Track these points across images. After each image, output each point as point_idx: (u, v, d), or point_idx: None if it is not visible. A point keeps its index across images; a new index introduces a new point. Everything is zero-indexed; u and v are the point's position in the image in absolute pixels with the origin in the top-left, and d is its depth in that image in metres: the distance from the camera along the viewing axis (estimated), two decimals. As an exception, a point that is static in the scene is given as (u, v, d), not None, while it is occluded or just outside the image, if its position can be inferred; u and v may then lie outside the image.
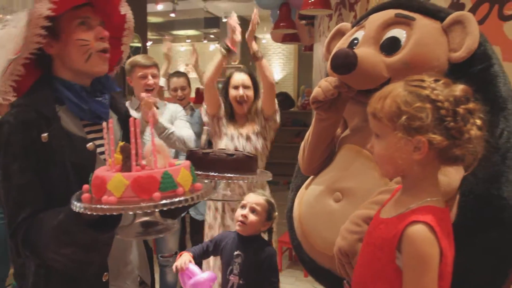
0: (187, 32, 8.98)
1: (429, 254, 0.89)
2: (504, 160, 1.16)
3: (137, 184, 0.84)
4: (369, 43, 1.29)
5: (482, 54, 1.23)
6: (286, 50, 10.42)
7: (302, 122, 7.28)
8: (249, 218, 1.76)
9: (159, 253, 2.69)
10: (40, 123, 1.06)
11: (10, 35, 1.08)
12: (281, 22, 3.74)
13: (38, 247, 1.02)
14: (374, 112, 0.96)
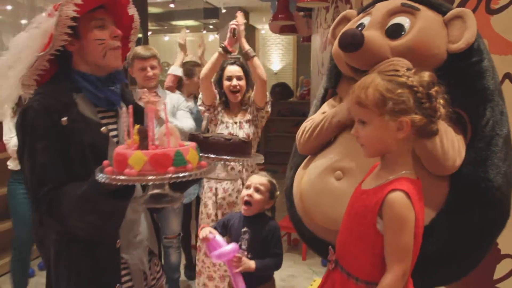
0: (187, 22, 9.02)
1: (406, 216, 1.06)
2: (489, 146, 1.29)
3: (154, 160, 0.98)
4: (375, 28, 1.41)
5: (476, 49, 1.36)
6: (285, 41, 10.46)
7: (300, 112, 7.36)
8: (254, 197, 1.91)
9: (163, 235, 2.80)
10: (60, 108, 1.19)
11: (33, 35, 1.22)
12: (279, 14, 3.83)
13: (62, 216, 1.15)
14: (359, 101, 1.10)
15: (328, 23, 3.57)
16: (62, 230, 1.21)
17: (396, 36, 1.40)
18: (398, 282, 1.07)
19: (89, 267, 1.23)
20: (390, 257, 1.08)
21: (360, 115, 1.12)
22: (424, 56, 1.36)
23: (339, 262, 1.23)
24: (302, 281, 3.22)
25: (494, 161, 1.28)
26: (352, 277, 1.17)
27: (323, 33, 3.72)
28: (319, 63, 3.90)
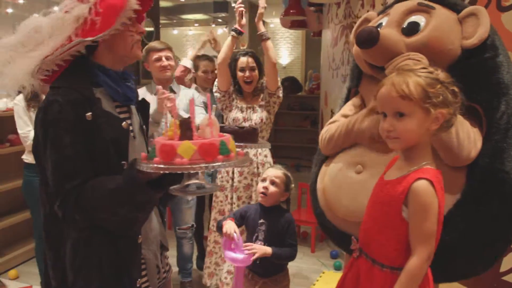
0: (196, 16, 9.05)
1: (431, 203, 1.14)
2: (505, 138, 1.35)
3: (203, 149, 1.04)
4: (392, 26, 1.49)
5: (490, 44, 1.42)
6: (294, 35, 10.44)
7: (310, 106, 7.39)
8: (269, 190, 1.97)
9: (176, 226, 2.88)
10: (84, 103, 1.18)
11: (63, 19, 1.19)
12: (291, 9, 3.87)
13: (92, 209, 1.16)
14: (404, 94, 1.14)
15: (339, 18, 3.60)
16: (86, 225, 1.20)
17: (412, 33, 1.46)
18: (423, 265, 1.15)
19: (112, 262, 1.23)
20: (415, 242, 1.16)
21: (402, 108, 1.16)
22: (439, 51, 1.42)
23: (364, 250, 1.30)
24: (311, 273, 3.28)
25: (511, 153, 1.32)
26: (377, 264, 1.24)
27: (334, 28, 3.75)
28: (329, 58, 3.94)
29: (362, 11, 3.14)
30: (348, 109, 1.75)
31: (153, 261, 1.39)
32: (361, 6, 3.14)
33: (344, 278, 1.38)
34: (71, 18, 1.19)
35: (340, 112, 1.77)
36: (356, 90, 1.79)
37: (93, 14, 1.18)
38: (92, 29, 1.18)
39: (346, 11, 3.42)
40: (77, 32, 1.19)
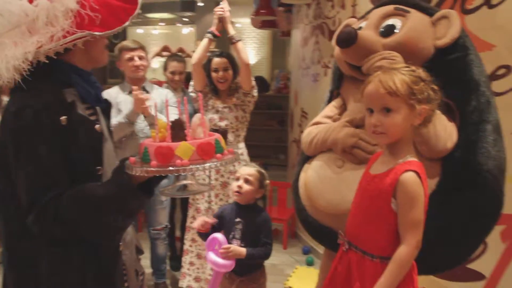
0: (162, 15, 8.94)
1: (418, 193, 1.21)
2: (477, 131, 1.44)
3: (201, 149, 1.04)
4: (370, 28, 1.59)
5: (461, 44, 1.52)
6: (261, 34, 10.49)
7: (277, 105, 7.46)
8: (243, 188, 1.98)
9: (150, 227, 2.85)
10: (58, 106, 1.09)
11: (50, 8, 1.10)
12: (262, 9, 3.92)
13: (74, 220, 1.07)
14: (392, 90, 1.20)
15: (309, 19, 3.67)
16: (65, 239, 1.10)
17: (389, 34, 1.56)
18: (412, 252, 1.21)
19: (95, 275, 1.16)
20: (404, 230, 1.22)
21: (389, 104, 1.22)
22: (413, 51, 1.51)
23: (353, 243, 1.34)
24: (284, 269, 3.33)
25: (483, 145, 1.42)
26: (367, 255, 1.29)
27: (304, 28, 3.82)
28: (300, 57, 4.01)
29: (332, 12, 3.23)
30: (329, 110, 1.83)
31: (133, 265, 1.36)
32: (332, 7, 3.22)
33: (333, 271, 1.42)
34: (62, 9, 1.10)
35: (322, 114, 1.84)
36: (338, 92, 1.86)
37: (88, 9, 1.12)
38: (92, 24, 1.11)
39: (317, 12, 3.49)
40: (73, 25, 1.11)
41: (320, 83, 3.48)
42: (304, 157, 1.83)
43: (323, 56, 3.41)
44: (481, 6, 2.12)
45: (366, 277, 1.28)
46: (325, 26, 3.35)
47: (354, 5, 2.93)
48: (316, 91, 3.56)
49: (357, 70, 1.62)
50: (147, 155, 1.06)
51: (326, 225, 1.63)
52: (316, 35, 3.52)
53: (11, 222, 1.13)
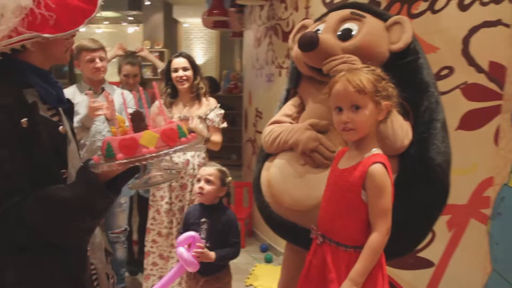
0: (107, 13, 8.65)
1: (385, 183, 1.29)
2: (428, 129, 1.56)
3: (165, 135, 1.03)
4: (329, 32, 1.64)
5: (413, 48, 1.63)
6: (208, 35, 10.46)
7: (228, 106, 7.46)
8: (205, 189, 1.99)
9: (109, 230, 2.77)
10: (18, 108, 1.04)
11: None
12: (215, 9, 3.92)
13: (40, 225, 1.04)
14: (360, 89, 1.27)
15: (262, 20, 3.73)
16: (29, 245, 1.06)
17: (346, 38, 1.64)
18: (384, 238, 1.29)
19: (65, 280, 1.13)
20: (375, 219, 1.29)
21: (358, 101, 1.30)
22: (370, 54, 1.59)
23: (327, 235, 1.40)
24: (244, 267, 3.37)
25: (434, 141, 1.53)
26: (341, 246, 1.35)
27: (257, 29, 3.88)
28: (253, 58, 4.06)
29: (285, 13, 3.30)
30: (288, 109, 1.88)
31: (103, 269, 1.34)
32: (285, 8, 3.30)
33: (309, 264, 1.47)
34: (15, 7, 1.04)
35: (281, 112, 1.89)
36: (295, 91, 1.91)
37: (43, 8, 1.05)
38: (44, 24, 1.05)
39: (270, 13, 3.56)
40: (23, 24, 1.04)
41: (274, 83, 3.55)
42: (264, 155, 1.87)
43: (277, 56, 3.48)
44: (426, 11, 2.27)
45: (341, 267, 1.34)
46: (278, 27, 3.42)
47: (307, 7, 3.02)
48: (271, 91, 3.62)
49: (316, 71, 1.69)
50: (110, 150, 1.03)
51: (290, 221, 1.67)
52: (270, 36, 3.58)
53: None
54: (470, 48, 2.16)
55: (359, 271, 1.28)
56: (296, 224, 1.64)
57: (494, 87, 2.13)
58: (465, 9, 2.16)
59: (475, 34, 2.14)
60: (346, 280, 1.29)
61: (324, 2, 2.84)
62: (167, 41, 8.70)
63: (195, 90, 2.72)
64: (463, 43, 2.17)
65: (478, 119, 2.17)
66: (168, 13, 8.79)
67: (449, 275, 2.33)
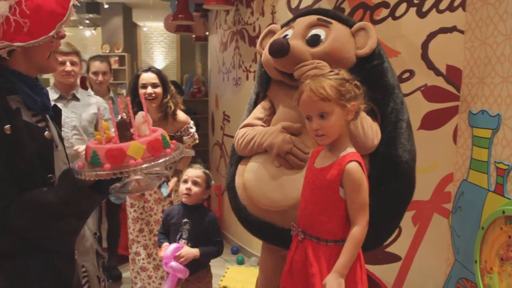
0: (62, 16, 8.39)
1: (361, 179, 1.37)
2: (395, 129, 1.64)
3: (151, 146, 1.05)
4: (298, 38, 1.68)
5: (377, 53, 1.71)
6: (168, 39, 10.38)
7: (192, 110, 7.44)
8: (193, 190, 2.02)
9: None
10: (1, 115, 1.05)
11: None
12: (179, 14, 3.92)
13: (25, 229, 1.06)
14: (324, 97, 1.34)
15: (228, 24, 3.77)
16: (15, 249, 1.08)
17: (315, 44, 1.70)
18: (364, 230, 1.37)
19: (54, 282, 1.14)
20: (355, 213, 1.36)
21: (323, 109, 1.36)
22: (338, 59, 1.67)
23: (307, 232, 1.46)
24: (215, 269, 3.32)
25: (401, 140, 1.63)
26: (322, 241, 1.41)
27: (223, 34, 3.91)
28: (219, 62, 4.08)
29: (251, 18, 3.36)
30: (259, 112, 1.92)
31: (94, 271, 1.33)
32: (251, 13, 3.35)
33: (291, 260, 1.52)
34: None
35: (252, 115, 1.92)
36: (264, 94, 1.96)
37: (18, 15, 1.05)
38: (18, 32, 1.05)
39: (236, 18, 3.60)
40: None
41: (241, 87, 3.60)
42: (236, 158, 1.90)
43: (244, 60, 3.53)
44: (387, 17, 2.39)
45: (322, 261, 1.40)
46: (245, 32, 3.47)
47: (273, 12, 3.08)
48: (238, 94, 3.66)
49: (287, 76, 1.74)
50: (97, 158, 1.04)
51: (268, 222, 1.72)
52: (236, 41, 3.62)
53: None
54: (428, 53, 2.29)
55: (343, 263, 1.35)
56: (274, 225, 1.68)
57: (451, 89, 2.27)
58: (423, 16, 2.29)
59: (433, 40, 2.28)
60: (331, 273, 1.35)
61: (290, 7, 2.91)
62: (126, 45, 8.56)
63: (164, 109, 2.55)
64: (422, 48, 2.30)
65: (438, 119, 2.31)
66: (128, 17, 8.65)
67: (415, 268, 2.46)
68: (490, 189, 1.97)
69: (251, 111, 1.96)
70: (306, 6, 2.77)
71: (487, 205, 1.97)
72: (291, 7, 2.90)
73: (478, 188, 2.06)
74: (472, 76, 2.14)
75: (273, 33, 1.93)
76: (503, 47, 1.91)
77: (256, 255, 3.48)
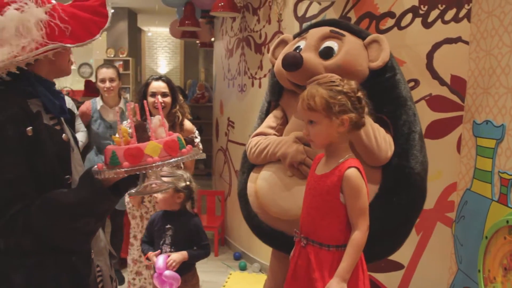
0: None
1: (361, 185, 1.40)
2: (408, 141, 1.66)
3: (168, 146, 1.11)
4: (310, 50, 1.69)
5: (390, 65, 1.72)
6: (172, 44, 10.45)
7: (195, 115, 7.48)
8: (158, 198, 2.04)
9: None
10: (24, 117, 1.10)
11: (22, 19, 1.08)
12: (186, 20, 3.95)
13: (45, 229, 1.09)
14: (310, 107, 1.39)
15: (234, 31, 3.80)
16: (35, 249, 1.12)
17: (328, 56, 1.70)
18: (364, 235, 1.39)
19: (71, 282, 1.17)
20: (355, 218, 1.39)
21: (311, 117, 1.42)
22: (351, 72, 1.67)
23: (310, 238, 1.48)
24: (218, 275, 3.38)
25: (414, 152, 1.64)
26: (324, 246, 1.44)
27: (229, 40, 3.94)
28: (224, 68, 4.11)
29: (258, 26, 3.39)
30: (271, 121, 1.94)
31: (107, 271, 1.36)
32: (257, 21, 3.39)
33: (294, 265, 1.54)
34: (32, 20, 1.10)
35: (265, 124, 1.95)
36: (276, 103, 1.98)
37: (58, 20, 1.12)
38: (62, 35, 1.13)
39: (242, 25, 3.63)
40: (44, 36, 1.11)
41: (247, 93, 3.62)
42: (248, 165, 1.92)
43: (249, 67, 3.56)
44: (393, 27, 2.42)
45: (324, 265, 1.43)
46: (251, 39, 3.50)
47: (280, 20, 3.12)
48: (243, 100, 3.69)
49: (299, 87, 1.75)
50: (116, 158, 1.09)
51: (279, 230, 1.74)
52: (242, 47, 3.66)
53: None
54: (433, 63, 2.31)
55: (345, 268, 1.38)
56: (284, 233, 1.70)
57: (456, 98, 2.29)
58: (429, 26, 2.31)
59: (438, 50, 2.30)
60: (334, 277, 1.38)
61: (296, 15, 2.94)
62: (131, 49, 8.62)
63: (172, 118, 2.55)
64: (427, 58, 2.32)
65: (442, 128, 2.32)
66: (133, 22, 8.71)
67: (418, 276, 2.46)
68: (493, 198, 1.98)
69: (263, 119, 1.98)
70: (313, 14, 2.81)
71: (491, 215, 1.98)
72: (298, 15, 2.94)
73: (481, 198, 2.07)
74: (477, 87, 2.16)
75: (286, 43, 1.94)
76: (507, 59, 1.93)
77: (258, 261, 3.49)
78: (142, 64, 9.94)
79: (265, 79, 3.02)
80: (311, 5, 2.81)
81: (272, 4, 3.18)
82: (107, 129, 3.10)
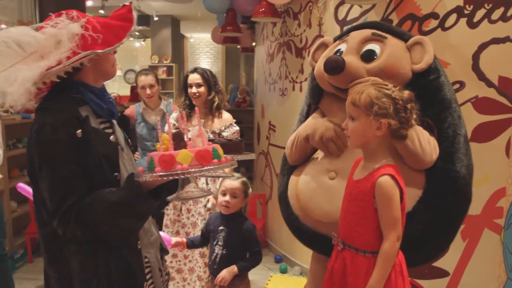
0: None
1: (392, 194, 1.37)
2: (453, 144, 1.62)
3: (199, 155, 1.17)
4: (352, 53, 1.69)
5: (434, 67, 1.69)
6: (214, 49, 10.65)
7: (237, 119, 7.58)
8: (231, 202, 2.09)
9: None
10: (74, 122, 1.24)
11: (58, 34, 1.23)
12: (228, 26, 4.04)
13: (93, 224, 1.21)
14: (354, 102, 1.39)
15: (275, 36, 3.85)
16: (86, 239, 1.24)
17: (370, 60, 1.68)
18: (394, 245, 1.38)
19: (119, 270, 1.28)
20: (385, 227, 1.39)
21: (352, 113, 1.42)
22: (394, 75, 1.65)
23: (347, 242, 1.49)
24: (259, 278, 3.42)
25: (459, 155, 1.61)
26: (360, 252, 1.44)
27: (270, 45, 3.99)
28: (265, 73, 4.16)
29: (298, 30, 3.41)
30: None
31: (156, 264, 1.44)
32: (298, 25, 3.41)
33: (331, 269, 1.56)
34: (69, 34, 1.24)
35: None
36: (316, 106, 2.00)
37: (91, 31, 1.25)
38: (94, 43, 1.25)
39: (283, 30, 3.67)
40: (78, 47, 1.24)
41: (288, 97, 3.65)
42: (288, 168, 1.94)
43: (290, 71, 3.58)
44: (436, 28, 2.36)
45: (360, 272, 1.43)
46: (291, 43, 3.52)
47: (320, 24, 3.12)
48: (284, 104, 3.72)
49: (341, 90, 1.74)
50: (152, 163, 1.19)
51: (320, 233, 1.74)
52: (283, 52, 3.69)
53: (45, 226, 1.28)
54: (480, 64, 2.24)
55: (376, 279, 1.37)
56: (325, 235, 1.71)
57: (504, 100, 2.21)
58: (474, 26, 2.25)
59: (484, 50, 2.22)
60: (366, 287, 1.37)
61: (337, 19, 2.94)
62: (174, 55, 8.87)
63: (209, 105, 2.85)
64: (473, 59, 2.25)
65: (490, 131, 2.24)
66: (176, 29, 8.97)
67: (464, 284, 2.38)
68: (545, 205, 1.90)
69: (303, 122, 2.00)
70: (354, 18, 2.79)
71: (543, 222, 1.90)
72: (338, 19, 2.93)
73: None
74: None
75: (326, 46, 1.95)
76: (560, 58, 1.85)
77: (299, 264, 3.50)
78: (185, 69, 10.20)
79: (306, 83, 3.04)
80: (352, 8, 2.80)
81: (312, 8, 3.19)
82: (150, 131, 3.28)
